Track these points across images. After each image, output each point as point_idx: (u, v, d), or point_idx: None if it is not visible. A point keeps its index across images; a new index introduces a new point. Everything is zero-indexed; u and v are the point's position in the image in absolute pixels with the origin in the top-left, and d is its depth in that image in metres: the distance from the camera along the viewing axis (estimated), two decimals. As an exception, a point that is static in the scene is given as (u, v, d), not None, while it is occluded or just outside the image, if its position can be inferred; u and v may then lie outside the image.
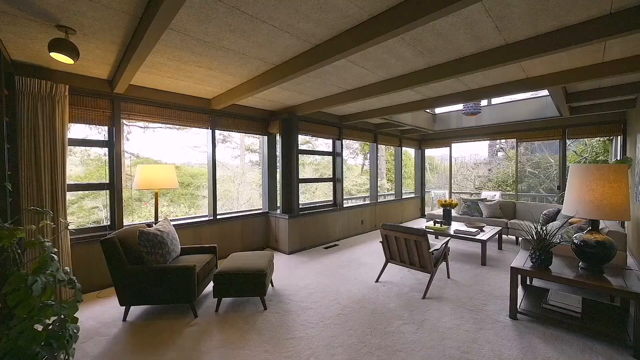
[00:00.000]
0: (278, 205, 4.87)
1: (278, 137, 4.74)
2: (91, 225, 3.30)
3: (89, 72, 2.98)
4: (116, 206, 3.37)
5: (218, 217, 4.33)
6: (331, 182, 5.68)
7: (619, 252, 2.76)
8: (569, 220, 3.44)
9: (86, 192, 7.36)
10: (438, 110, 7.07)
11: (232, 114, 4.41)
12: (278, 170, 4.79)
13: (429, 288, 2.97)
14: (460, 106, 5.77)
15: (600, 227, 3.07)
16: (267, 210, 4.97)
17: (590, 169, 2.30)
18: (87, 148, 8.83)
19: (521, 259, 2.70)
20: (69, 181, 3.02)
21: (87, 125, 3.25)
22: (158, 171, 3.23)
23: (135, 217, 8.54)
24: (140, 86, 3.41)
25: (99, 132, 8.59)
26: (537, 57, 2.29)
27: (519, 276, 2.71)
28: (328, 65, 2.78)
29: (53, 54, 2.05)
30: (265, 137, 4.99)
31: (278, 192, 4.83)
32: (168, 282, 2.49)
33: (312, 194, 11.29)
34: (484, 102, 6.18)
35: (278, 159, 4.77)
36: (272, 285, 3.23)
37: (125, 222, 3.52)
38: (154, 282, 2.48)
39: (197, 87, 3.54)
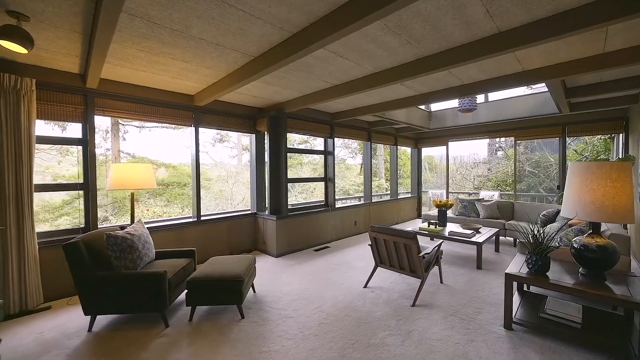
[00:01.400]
0: (267, 205, 4.69)
1: (267, 136, 4.57)
2: (61, 228, 3.14)
3: (58, 66, 2.80)
4: (90, 207, 3.20)
5: (202, 218, 4.15)
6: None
7: (622, 256, 2.58)
8: (569, 222, 3.25)
9: (81, 192, 7.23)
10: (434, 108, 6.89)
11: (218, 111, 4.23)
12: (267, 169, 4.61)
13: (419, 295, 2.79)
14: (455, 103, 5.58)
15: (601, 230, 2.89)
16: (255, 211, 4.79)
17: (591, 167, 2.12)
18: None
19: (517, 264, 2.52)
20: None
21: (57, 122, 3.06)
22: (133, 171, 3.05)
23: (128, 217, 8.39)
24: (115, 81, 3.24)
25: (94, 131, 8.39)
26: (533, 46, 2.11)
27: (515, 283, 2.53)
28: (310, 56, 2.64)
29: (2, 42, 1.88)
30: (254, 135, 4.82)
31: (267, 192, 4.66)
32: (137, 290, 2.31)
33: (310, 194, 11.12)
34: (480, 99, 6.00)
35: (267, 158, 4.59)
36: (254, 291, 3.05)
37: (120, 222, 3.36)
38: (122, 290, 2.31)
39: (176, 82, 3.36)
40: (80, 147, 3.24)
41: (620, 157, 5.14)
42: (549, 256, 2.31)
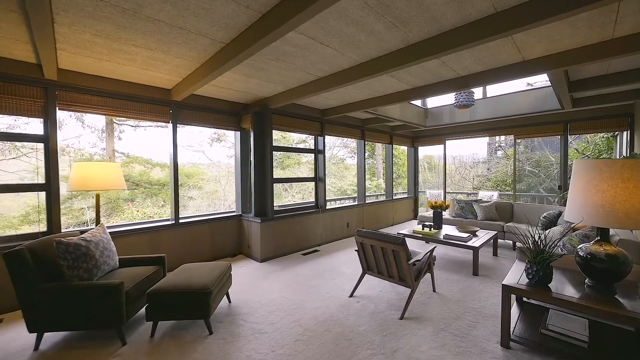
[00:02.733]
0: (252, 207, 4.43)
1: (251, 133, 4.31)
2: (20, 232, 2.87)
3: (10, 54, 2.54)
4: (52, 209, 2.94)
5: (181, 220, 3.89)
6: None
7: (634, 265, 2.33)
8: (572, 226, 3.00)
9: (73, 193, 7.05)
10: (430, 105, 6.64)
11: (198, 106, 3.97)
12: (252, 168, 4.36)
13: (408, 306, 2.53)
14: (452, 99, 5.33)
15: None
16: (240, 213, 4.54)
17: (598, 165, 1.87)
18: (81, 148, 8.48)
19: (516, 273, 2.27)
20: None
21: (17, 116, 2.80)
22: (98, 170, 2.79)
23: (118, 218, 8.17)
24: (79, 72, 2.98)
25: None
26: (534, 27, 1.85)
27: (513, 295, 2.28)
28: (288, 43, 2.39)
29: None
30: (239, 133, 4.56)
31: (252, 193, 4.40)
32: (89, 304, 2.06)
33: (308, 194, 10.87)
34: (478, 95, 5.74)
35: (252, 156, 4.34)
36: (229, 301, 2.80)
37: (113, 223, 3.09)
38: (71, 304, 2.05)
39: (148, 75, 3.11)
40: (60, 145, 2.96)
41: (625, 155, 4.89)
42: (551, 265, 2.06)
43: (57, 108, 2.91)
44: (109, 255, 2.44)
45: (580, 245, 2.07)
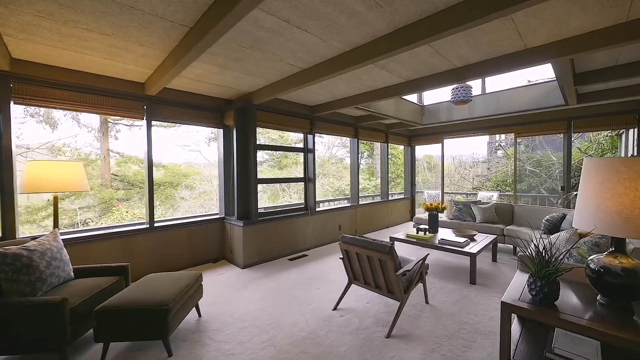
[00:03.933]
0: (235, 210, 4.17)
1: (234, 131, 4.04)
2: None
3: (-48, 40, 2.28)
4: (7, 213, 2.67)
5: (157, 224, 3.62)
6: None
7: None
8: (578, 232, 2.73)
9: (65, 193, 6.90)
10: (426, 102, 6.36)
11: (176, 102, 3.70)
12: (235, 168, 4.09)
13: (395, 323, 2.26)
14: (449, 96, 5.06)
15: (620, 242, 2.36)
16: (223, 215, 4.28)
17: (614, 164, 1.59)
18: (78, 147, 8.26)
19: (517, 287, 1.99)
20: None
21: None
22: (54, 170, 2.52)
23: (110, 220, 7.94)
24: (37, 63, 2.70)
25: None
26: (538, 4, 1.58)
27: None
28: (260, 27, 2.11)
29: None
30: (222, 130, 4.29)
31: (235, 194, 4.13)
32: (27, 323, 1.79)
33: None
34: (477, 91, 5.46)
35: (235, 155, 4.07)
36: (199, 314, 2.53)
37: (104, 224, 2.82)
38: (7, 324, 1.79)
39: (114, 66, 2.84)
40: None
41: (631, 154, 4.62)
42: (558, 280, 1.79)
43: (11, 102, 2.64)
44: (59, 266, 2.17)
45: (591, 257, 1.80)
